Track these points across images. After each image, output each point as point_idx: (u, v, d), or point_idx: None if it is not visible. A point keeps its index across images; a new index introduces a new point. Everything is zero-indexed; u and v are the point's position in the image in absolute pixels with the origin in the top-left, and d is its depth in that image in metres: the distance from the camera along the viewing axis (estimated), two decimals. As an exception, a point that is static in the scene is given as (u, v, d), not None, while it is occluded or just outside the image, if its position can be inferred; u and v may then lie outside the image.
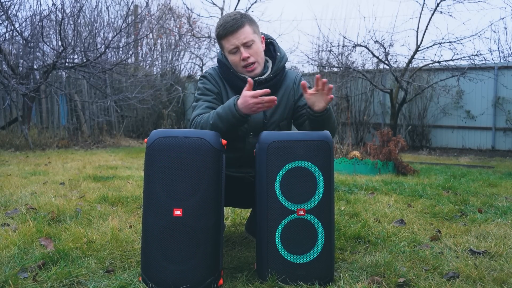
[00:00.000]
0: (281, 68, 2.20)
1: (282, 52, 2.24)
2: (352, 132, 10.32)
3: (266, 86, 2.14)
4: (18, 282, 1.76)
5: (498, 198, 3.80)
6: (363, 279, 1.86)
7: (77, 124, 10.30)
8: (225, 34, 2.07)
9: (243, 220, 2.94)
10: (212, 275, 1.75)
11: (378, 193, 3.96)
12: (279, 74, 2.19)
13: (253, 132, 2.18)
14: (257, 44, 2.12)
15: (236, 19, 2.07)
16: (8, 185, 3.99)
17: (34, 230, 2.43)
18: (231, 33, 2.06)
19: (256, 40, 2.11)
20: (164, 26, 12.57)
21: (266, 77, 2.15)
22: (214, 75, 2.22)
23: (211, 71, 2.24)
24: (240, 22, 2.06)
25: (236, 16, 2.09)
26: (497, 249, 2.25)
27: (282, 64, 2.21)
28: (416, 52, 9.51)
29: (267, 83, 2.16)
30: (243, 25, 2.07)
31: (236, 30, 2.06)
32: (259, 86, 2.14)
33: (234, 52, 2.09)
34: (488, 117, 9.55)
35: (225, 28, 2.06)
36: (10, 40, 8.38)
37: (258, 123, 2.17)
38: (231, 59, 2.12)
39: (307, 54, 11.44)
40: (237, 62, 2.11)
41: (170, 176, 1.74)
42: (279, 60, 2.21)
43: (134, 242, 2.35)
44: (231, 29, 2.05)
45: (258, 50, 2.12)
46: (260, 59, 2.14)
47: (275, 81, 2.18)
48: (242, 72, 2.14)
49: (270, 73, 2.17)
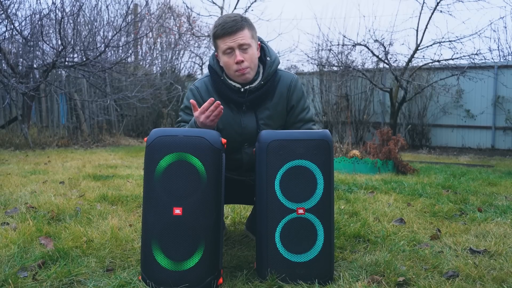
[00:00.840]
0: (271, 73, 2.14)
1: (273, 56, 2.17)
2: (352, 131, 10.32)
3: (257, 94, 2.10)
4: (18, 281, 1.76)
5: (497, 197, 3.81)
6: (363, 278, 1.86)
7: (77, 123, 10.29)
8: (222, 34, 2.02)
9: (242, 219, 2.94)
10: (211, 274, 1.75)
11: (378, 192, 3.96)
12: (270, 80, 2.13)
13: (248, 142, 2.16)
14: (253, 50, 2.07)
15: (236, 21, 2.02)
16: (8, 184, 3.99)
17: (34, 229, 2.43)
18: (229, 34, 2.01)
19: (252, 45, 2.06)
20: (164, 25, 12.56)
21: (257, 85, 2.10)
22: (201, 89, 2.17)
23: (199, 84, 2.20)
24: (240, 25, 2.02)
25: (236, 18, 2.04)
26: (496, 248, 2.25)
27: (273, 69, 2.14)
28: (416, 51, 9.51)
29: (258, 90, 2.11)
30: (243, 27, 2.02)
31: (235, 32, 2.01)
32: (250, 94, 2.10)
33: (228, 53, 2.04)
34: (488, 116, 9.56)
35: (224, 28, 2.01)
36: (9, 39, 8.37)
37: (251, 133, 2.13)
38: (224, 61, 2.06)
39: (307, 53, 11.46)
40: (230, 65, 2.05)
41: (170, 175, 1.74)
42: (269, 65, 2.14)
43: (134, 241, 2.35)
44: (229, 30, 2.01)
45: (253, 55, 2.07)
46: (254, 65, 2.08)
47: (267, 88, 2.12)
48: (233, 77, 2.09)
49: (261, 80, 2.12)
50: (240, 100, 2.10)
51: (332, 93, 10.75)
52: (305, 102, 2.24)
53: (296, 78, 2.24)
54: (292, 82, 2.20)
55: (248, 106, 2.13)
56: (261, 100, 2.14)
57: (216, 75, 2.13)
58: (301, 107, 2.21)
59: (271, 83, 2.13)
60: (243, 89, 2.10)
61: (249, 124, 2.14)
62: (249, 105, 2.13)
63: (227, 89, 2.11)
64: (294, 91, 2.19)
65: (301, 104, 2.21)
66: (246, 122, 2.14)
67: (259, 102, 2.14)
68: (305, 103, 2.24)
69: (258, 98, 2.12)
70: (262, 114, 2.15)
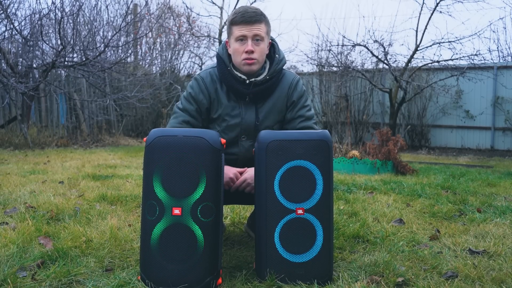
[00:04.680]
0: (278, 70, 2.18)
1: (281, 55, 2.22)
2: (351, 131, 10.32)
3: (261, 87, 2.14)
4: (17, 281, 1.76)
5: (497, 197, 3.81)
6: (362, 279, 1.86)
7: (76, 123, 10.28)
8: (241, 22, 2.06)
9: (242, 219, 2.94)
10: (211, 274, 1.75)
11: (377, 193, 3.96)
12: (275, 77, 2.17)
13: (246, 135, 2.19)
14: (265, 44, 2.12)
15: (256, 13, 2.08)
16: (7, 184, 3.99)
17: (33, 229, 2.43)
18: (247, 23, 2.05)
19: (265, 40, 2.11)
20: (163, 25, 12.56)
21: (262, 79, 2.14)
22: (206, 79, 2.19)
23: (205, 74, 2.21)
24: (259, 17, 2.07)
25: (257, 10, 2.09)
26: (495, 249, 2.25)
27: (280, 66, 2.19)
28: (415, 52, 9.52)
29: (263, 84, 2.14)
30: (261, 21, 2.08)
31: (253, 23, 2.06)
32: (255, 87, 2.13)
33: (241, 40, 2.08)
34: (487, 117, 9.56)
35: (243, 16, 2.05)
36: (9, 38, 8.36)
37: (249, 126, 2.17)
38: (235, 48, 2.10)
39: (307, 54, 11.48)
40: (240, 52, 2.09)
41: (169, 175, 1.74)
42: (277, 62, 2.18)
43: (133, 241, 2.35)
44: (249, 19, 2.05)
45: (263, 50, 2.11)
46: (261, 59, 2.13)
47: (271, 84, 2.16)
48: (239, 65, 2.11)
49: (267, 75, 2.15)
50: (244, 91, 2.13)
51: (331, 93, 10.76)
52: (306, 100, 2.26)
53: (298, 77, 2.29)
54: (294, 80, 2.25)
55: (251, 98, 2.16)
56: (264, 94, 2.18)
57: (224, 65, 2.16)
58: (302, 104, 2.24)
59: (275, 80, 2.18)
60: (249, 81, 2.13)
61: (248, 115, 2.17)
62: (252, 97, 2.16)
63: (232, 79, 2.14)
64: (295, 88, 2.23)
65: (302, 101, 2.24)
66: (246, 113, 2.17)
67: (262, 96, 2.17)
68: (306, 101, 2.27)
69: (262, 91, 2.16)
70: (262, 107, 2.19)
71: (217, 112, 2.19)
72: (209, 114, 2.21)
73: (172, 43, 12.67)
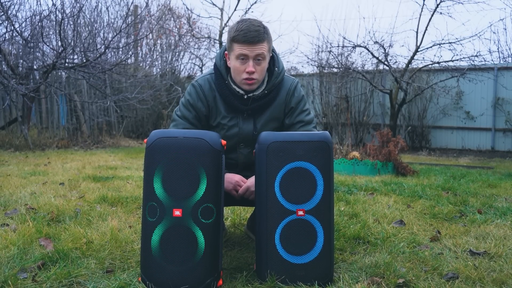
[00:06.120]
0: (276, 84, 2.15)
1: (281, 67, 2.17)
2: (351, 132, 10.32)
3: (260, 103, 2.12)
4: (17, 282, 1.76)
5: (497, 199, 3.81)
6: (363, 280, 1.86)
7: (77, 124, 10.29)
8: (243, 41, 1.98)
9: (242, 221, 2.94)
10: (211, 275, 1.75)
11: (378, 194, 3.96)
12: (273, 91, 2.14)
13: (244, 143, 2.19)
14: (266, 62, 2.07)
15: (259, 32, 1.99)
16: (8, 185, 3.99)
17: (33, 230, 2.43)
18: (250, 43, 1.98)
19: (266, 59, 2.06)
20: (164, 27, 12.57)
21: (260, 93, 2.11)
22: (204, 87, 2.16)
23: (203, 81, 2.17)
24: (262, 37, 2.00)
25: (260, 28, 2.00)
26: (496, 250, 2.25)
27: (279, 80, 2.15)
28: (415, 53, 9.51)
29: (261, 99, 2.12)
30: (263, 40, 2.00)
31: (256, 43, 1.99)
32: (253, 102, 2.11)
33: (241, 59, 2.02)
34: (487, 118, 9.56)
35: (246, 36, 1.97)
36: (10, 40, 8.37)
37: (247, 135, 2.17)
38: (234, 65, 2.05)
39: (307, 55, 11.50)
40: (240, 72, 2.04)
41: (170, 176, 1.74)
42: (276, 76, 2.14)
43: (133, 242, 2.35)
44: (251, 40, 1.98)
45: (264, 68, 2.07)
46: (261, 78, 2.09)
47: (270, 98, 2.14)
48: (239, 83, 2.08)
49: (265, 89, 2.12)
50: (242, 108, 2.12)
51: (332, 94, 10.76)
52: (304, 104, 2.23)
53: (296, 82, 2.24)
54: (291, 86, 2.21)
55: (249, 114, 2.15)
56: (263, 109, 2.16)
57: (221, 78, 2.13)
58: (301, 109, 2.22)
59: (274, 93, 2.15)
60: (247, 96, 2.10)
61: (246, 125, 2.16)
62: (250, 113, 2.15)
63: (230, 94, 2.11)
64: (293, 94, 2.20)
65: (300, 106, 2.22)
66: (243, 123, 2.17)
67: (261, 110, 2.16)
68: (305, 105, 2.24)
69: (260, 107, 2.14)
70: (260, 117, 2.18)
71: (216, 120, 2.17)
72: (208, 121, 2.20)
73: (173, 44, 12.67)
